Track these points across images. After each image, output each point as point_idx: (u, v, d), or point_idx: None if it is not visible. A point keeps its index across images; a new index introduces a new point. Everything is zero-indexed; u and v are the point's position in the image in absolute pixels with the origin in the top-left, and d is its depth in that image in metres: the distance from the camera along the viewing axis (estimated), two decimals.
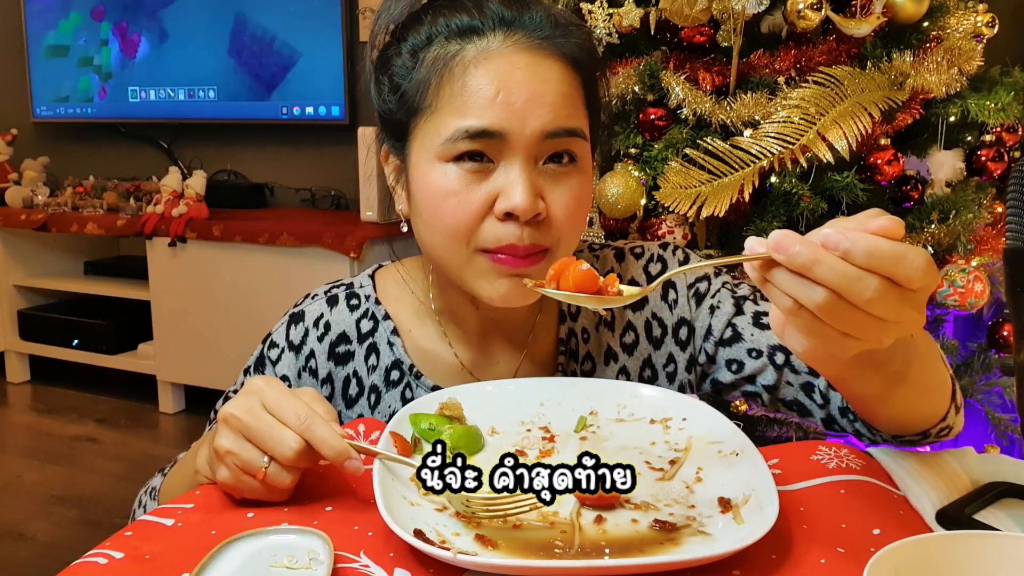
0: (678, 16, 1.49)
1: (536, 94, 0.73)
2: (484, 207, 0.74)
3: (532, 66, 0.73)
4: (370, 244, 2.72)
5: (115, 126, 3.71)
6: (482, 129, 0.72)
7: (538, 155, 0.74)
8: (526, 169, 0.73)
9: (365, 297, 0.89)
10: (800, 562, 0.58)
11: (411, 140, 0.78)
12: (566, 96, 0.75)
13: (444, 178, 0.74)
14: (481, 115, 0.72)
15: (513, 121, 0.72)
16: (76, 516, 2.41)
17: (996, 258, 1.62)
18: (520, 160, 0.73)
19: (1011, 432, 1.71)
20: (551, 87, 0.73)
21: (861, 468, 0.72)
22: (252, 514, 0.65)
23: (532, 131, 0.73)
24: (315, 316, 0.88)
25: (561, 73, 0.75)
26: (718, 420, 0.74)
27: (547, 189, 0.75)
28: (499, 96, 0.72)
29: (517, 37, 0.74)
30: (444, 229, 0.75)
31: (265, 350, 0.89)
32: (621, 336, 0.90)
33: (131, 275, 3.40)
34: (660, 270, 0.89)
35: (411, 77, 0.77)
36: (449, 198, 0.74)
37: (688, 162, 1.46)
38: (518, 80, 0.72)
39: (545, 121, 0.73)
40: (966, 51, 1.49)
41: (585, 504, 0.64)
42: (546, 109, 0.73)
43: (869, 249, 0.48)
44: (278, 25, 3.22)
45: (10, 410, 3.33)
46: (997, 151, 1.57)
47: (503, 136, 0.72)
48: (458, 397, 0.77)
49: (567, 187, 0.75)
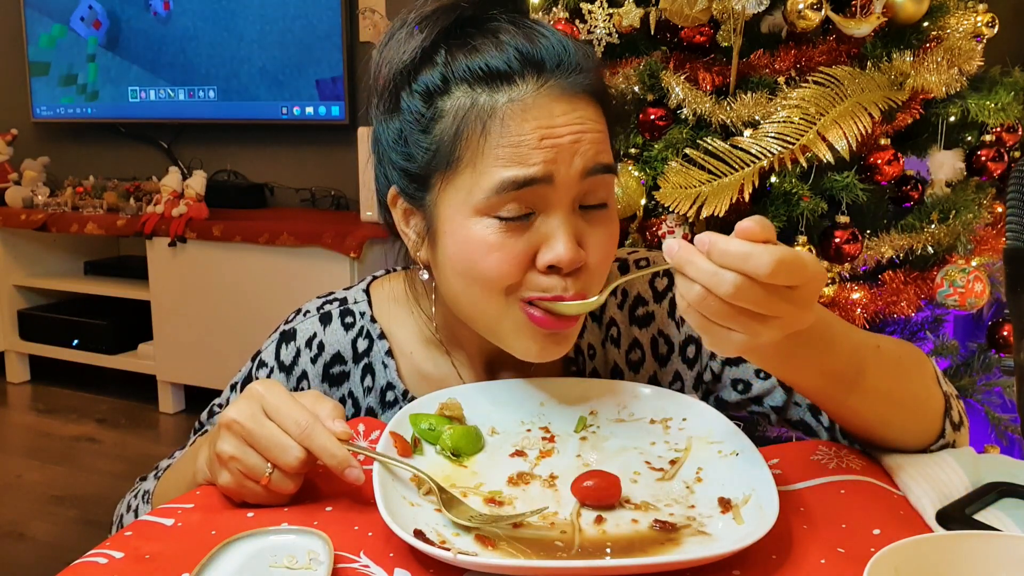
0: (678, 16, 1.49)
1: (577, 132, 0.71)
2: (527, 259, 0.71)
3: (569, 112, 0.71)
4: (370, 244, 2.72)
5: (115, 126, 3.71)
6: (530, 178, 0.69)
7: (576, 198, 0.72)
8: (567, 218, 0.71)
9: (360, 314, 0.86)
10: (800, 562, 0.58)
11: (437, 192, 0.74)
12: (601, 134, 0.73)
13: (485, 232, 0.71)
14: (527, 164, 0.69)
15: (560, 164, 0.70)
16: (76, 516, 2.41)
17: (996, 258, 1.62)
18: (562, 208, 0.71)
19: (1011, 432, 1.71)
20: (590, 125, 0.72)
21: (861, 468, 0.72)
22: (252, 514, 0.65)
23: (576, 171, 0.71)
24: (307, 336, 0.86)
25: (591, 111, 0.73)
26: (718, 420, 0.74)
27: (585, 233, 0.73)
28: (543, 142, 0.69)
29: (550, 84, 0.71)
30: (484, 283, 0.72)
31: (254, 369, 0.87)
32: (627, 353, 0.88)
33: (131, 275, 3.40)
34: (667, 285, 0.88)
35: (431, 127, 0.73)
36: (491, 253, 0.71)
37: (688, 162, 1.46)
38: (562, 123, 0.70)
39: (588, 157, 0.71)
40: (966, 51, 1.49)
41: (585, 504, 0.64)
42: (590, 148, 0.71)
43: (721, 248, 0.55)
44: (278, 25, 3.21)
45: (10, 410, 3.33)
46: (997, 151, 1.57)
47: (550, 180, 0.70)
48: (458, 397, 0.78)
49: (603, 228, 0.74)
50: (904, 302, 1.56)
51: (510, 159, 0.69)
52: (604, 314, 0.88)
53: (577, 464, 0.71)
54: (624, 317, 0.88)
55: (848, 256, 1.50)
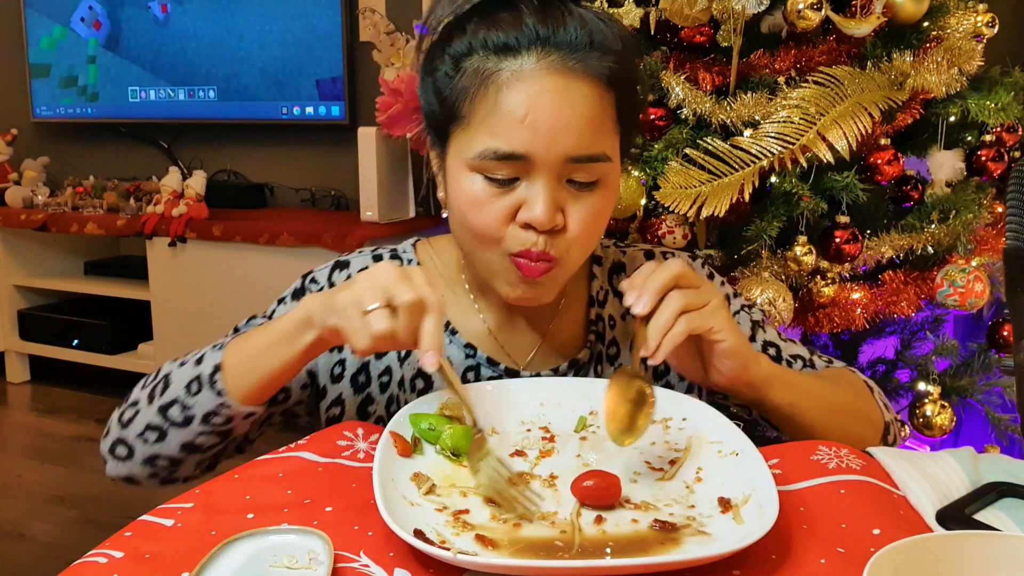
0: (678, 16, 1.49)
1: (562, 119, 0.75)
2: (508, 216, 0.78)
3: (561, 89, 0.75)
4: (370, 244, 2.71)
5: (115, 126, 3.71)
6: (509, 152, 0.75)
7: (561, 175, 0.77)
8: (548, 185, 0.76)
9: (407, 260, 0.95)
10: (800, 562, 0.58)
11: (449, 143, 0.81)
12: (592, 120, 0.76)
13: (472, 187, 0.78)
14: (509, 138, 0.75)
15: (538, 145, 0.75)
16: (76, 516, 2.41)
17: (996, 258, 1.62)
18: (543, 178, 0.76)
19: (1011, 432, 1.71)
20: (577, 111, 0.75)
21: (861, 468, 0.72)
22: (252, 514, 0.65)
23: (555, 156, 0.75)
24: (360, 267, 0.94)
25: (591, 95, 0.76)
26: (718, 420, 0.74)
27: (568, 204, 0.78)
28: (527, 119, 0.74)
29: (552, 58, 0.75)
30: (471, 230, 0.80)
31: (306, 283, 0.95)
32: None
33: (131, 275, 3.40)
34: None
35: (452, 85, 0.79)
36: (476, 206, 0.78)
37: (688, 162, 1.46)
38: (547, 103, 0.74)
39: (568, 147, 0.75)
40: (966, 51, 1.49)
41: (585, 504, 0.64)
42: (571, 134, 0.75)
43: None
44: (278, 25, 3.21)
45: (10, 410, 3.33)
46: (997, 151, 1.57)
47: (528, 159, 0.75)
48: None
49: (587, 204, 0.79)
50: (904, 302, 1.56)
51: (496, 130, 0.75)
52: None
53: (577, 464, 0.72)
54: None
55: (848, 256, 1.50)
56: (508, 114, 0.75)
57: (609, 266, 0.98)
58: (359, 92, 3.18)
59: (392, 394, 0.93)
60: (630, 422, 0.71)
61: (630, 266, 0.97)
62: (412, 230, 2.88)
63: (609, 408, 0.71)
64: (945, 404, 1.58)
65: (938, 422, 1.57)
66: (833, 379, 0.94)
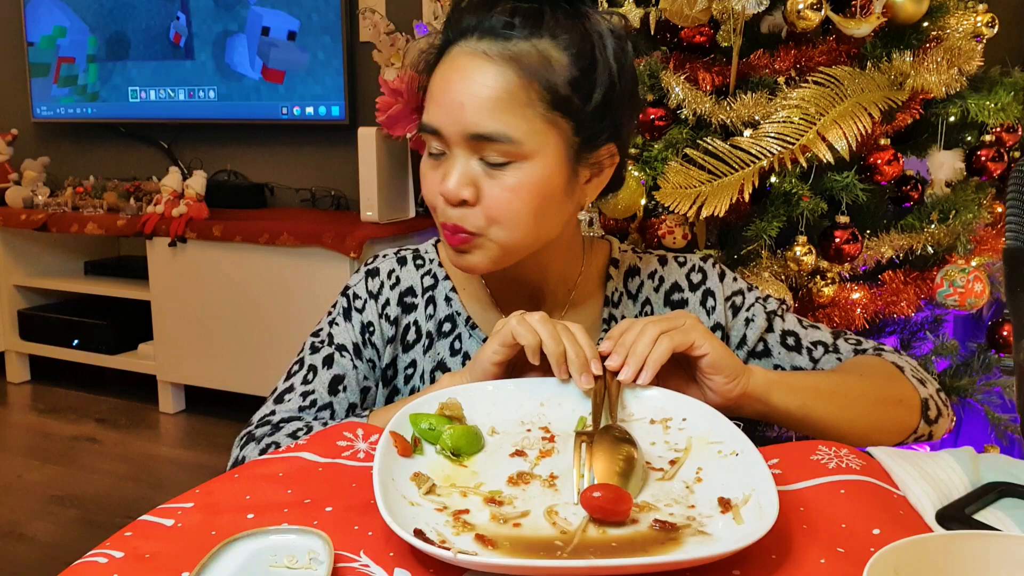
0: (678, 16, 1.49)
1: (460, 96, 0.81)
2: (437, 186, 0.85)
3: (466, 69, 0.81)
4: (370, 244, 2.72)
5: (115, 126, 3.71)
6: (425, 124, 0.85)
7: (472, 151, 0.83)
8: (458, 160, 0.83)
9: (430, 260, 1.01)
10: (800, 562, 0.58)
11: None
12: (495, 100, 0.80)
13: (424, 160, 0.88)
14: (428, 113, 0.85)
15: (444, 120, 0.82)
16: (76, 516, 2.41)
17: (996, 258, 1.62)
18: (457, 152, 0.83)
19: (1011, 432, 1.71)
20: (477, 90, 0.81)
21: (861, 468, 0.72)
22: (252, 514, 0.65)
23: (457, 131, 0.82)
24: (388, 270, 1.00)
25: (497, 76, 0.81)
26: (718, 420, 0.74)
27: (482, 181, 0.84)
28: (440, 95, 0.83)
29: (471, 42, 0.82)
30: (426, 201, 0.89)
31: (350, 300, 1.00)
32: None
33: (131, 275, 3.40)
34: (700, 279, 0.99)
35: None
36: (423, 178, 0.88)
37: (688, 162, 1.46)
38: (452, 81, 0.82)
39: (467, 124, 0.81)
40: (966, 51, 1.49)
41: (595, 519, 0.63)
42: (469, 113, 0.81)
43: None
44: (278, 25, 3.22)
45: (10, 410, 3.33)
46: (997, 151, 1.57)
47: (439, 132, 0.83)
48: (458, 397, 0.78)
49: (499, 182, 0.83)
50: (904, 302, 1.56)
51: (427, 104, 0.85)
52: (641, 293, 1.00)
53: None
54: (660, 299, 1.00)
55: (848, 256, 1.50)
56: (432, 90, 0.85)
57: (625, 269, 1.01)
58: (359, 92, 3.18)
59: (414, 386, 0.97)
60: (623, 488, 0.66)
61: (645, 270, 1.01)
62: (412, 230, 2.88)
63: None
64: None
65: None
66: (855, 368, 0.94)
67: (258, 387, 2.98)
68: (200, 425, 3.10)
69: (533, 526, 0.62)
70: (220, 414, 3.17)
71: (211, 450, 2.86)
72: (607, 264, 1.00)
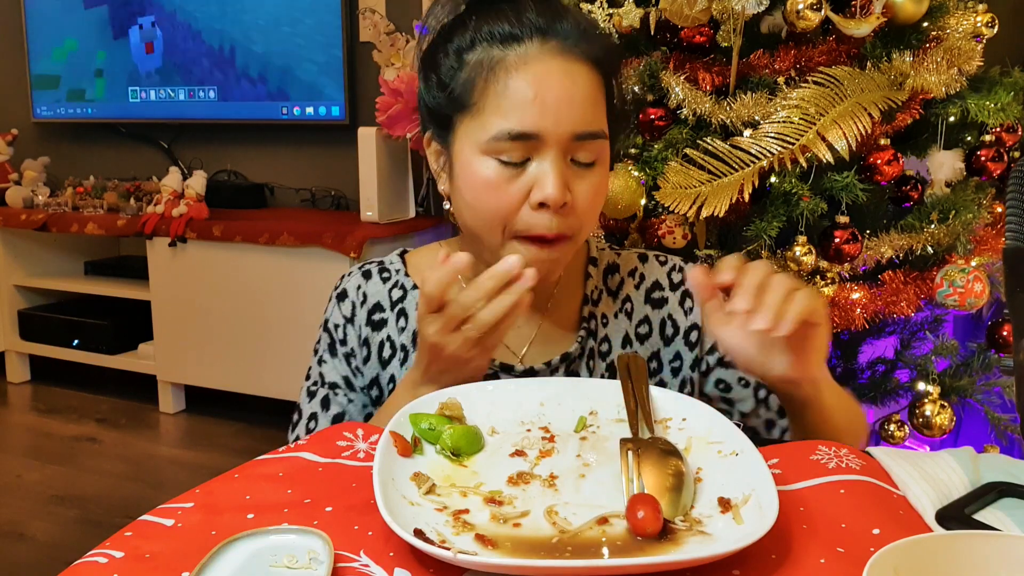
0: (678, 16, 1.49)
1: (567, 95, 0.81)
2: (520, 198, 0.82)
3: (564, 70, 0.82)
4: (370, 244, 2.72)
5: (115, 126, 3.71)
6: (520, 132, 0.80)
7: (567, 152, 0.83)
8: (557, 163, 0.81)
9: (395, 271, 1.00)
10: (800, 562, 0.58)
11: (456, 131, 0.86)
12: (592, 98, 0.83)
13: (486, 170, 0.83)
14: (522, 117, 0.80)
15: (548, 121, 0.80)
16: (76, 516, 2.41)
17: (996, 258, 1.62)
18: (552, 155, 0.81)
19: (1011, 432, 1.71)
20: (580, 88, 0.82)
21: (861, 468, 0.72)
22: (252, 514, 0.65)
23: (563, 132, 0.81)
24: (355, 287, 0.99)
25: (589, 75, 0.83)
26: (718, 420, 0.74)
27: (573, 182, 0.83)
28: (536, 99, 0.80)
29: (552, 44, 0.82)
30: (485, 214, 0.85)
31: (332, 333, 0.99)
32: (637, 326, 0.99)
33: (131, 275, 3.40)
34: (681, 279, 1.00)
35: (457, 76, 0.84)
36: (489, 189, 0.83)
37: (688, 162, 1.46)
38: (553, 83, 0.81)
39: (576, 122, 0.81)
40: (966, 51, 1.49)
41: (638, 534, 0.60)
42: (576, 110, 0.81)
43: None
44: (278, 25, 3.22)
45: (10, 410, 3.33)
46: (997, 151, 1.57)
47: (539, 136, 0.81)
48: (458, 397, 0.78)
49: (589, 181, 0.84)
50: (904, 302, 1.56)
51: (508, 112, 0.81)
52: (621, 290, 1.00)
53: (577, 464, 0.71)
54: (640, 296, 1.00)
55: (848, 256, 1.50)
56: (517, 95, 0.80)
57: (604, 267, 1.01)
58: (359, 92, 3.18)
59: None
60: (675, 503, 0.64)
61: (625, 267, 1.01)
62: (412, 230, 2.88)
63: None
64: (945, 404, 1.59)
65: (938, 422, 1.57)
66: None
67: (258, 387, 2.98)
68: (200, 425, 3.10)
69: (533, 526, 0.62)
70: (220, 414, 3.17)
71: (211, 450, 2.86)
72: (586, 263, 1.00)
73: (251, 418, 3.12)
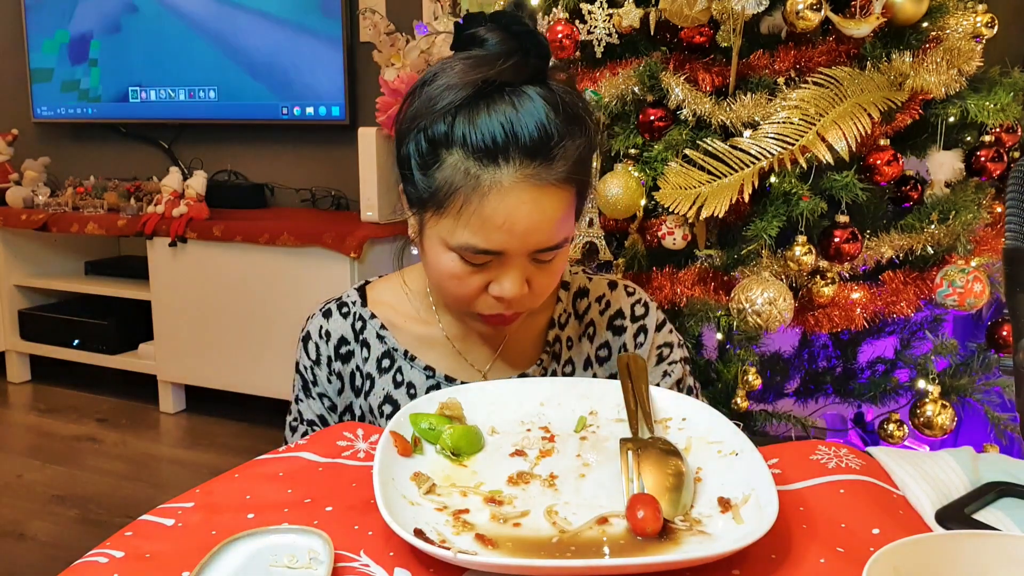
0: (678, 16, 1.49)
1: (535, 223, 0.82)
2: (480, 287, 0.86)
3: (536, 199, 0.81)
4: (370, 244, 2.72)
5: (115, 126, 3.71)
6: (486, 249, 0.83)
7: (530, 256, 0.85)
8: (518, 267, 0.84)
9: (352, 303, 1.03)
10: (800, 562, 0.58)
11: (426, 216, 0.86)
12: (561, 215, 0.84)
13: (450, 264, 0.85)
14: (488, 238, 0.82)
15: (512, 244, 0.82)
16: (76, 516, 2.42)
17: (996, 258, 1.62)
18: (514, 262, 0.84)
19: (1011, 432, 1.71)
20: (549, 214, 0.82)
21: (861, 468, 0.72)
22: (252, 514, 0.65)
23: (528, 250, 0.84)
24: (318, 328, 1.02)
25: (560, 197, 0.83)
26: (718, 420, 0.74)
27: (534, 275, 0.86)
28: (504, 225, 0.81)
29: (527, 173, 0.81)
30: (446, 296, 0.89)
31: (305, 376, 1.03)
32: (598, 349, 1.02)
33: (131, 275, 3.40)
34: (643, 313, 1.03)
35: (432, 172, 0.84)
36: (452, 279, 0.86)
37: (688, 163, 1.46)
38: (523, 213, 0.81)
39: (540, 242, 0.83)
40: (966, 51, 1.49)
41: (638, 534, 0.61)
42: (542, 234, 0.83)
43: None
44: (278, 25, 3.22)
45: (10, 410, 3.33)
46: (996, 151, 1.57)
47: (503, 253, 0.83)
48: (458, 397, 0.78)
49: (548, 271, 0.87)
50: (904, 302, 1.56)
51: (477, 230, 0.82)
52: (587, 315, 1.03)
53: (577, 464, 0.72)
54: (604, 321, 1.03)
55: (848, 256, 1.50)
56: (488, 220, 0.81)
57: (575, 291, 1.04)
58: (359, 92, 3.18)
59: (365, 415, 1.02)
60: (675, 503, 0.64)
61: (594, 292, 1.04)
62: None
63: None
64: (945, 404, 1.58)
65: (938, 422, 1.57)
66: None
67: (258, 387, 2.98)
68: (200, 425, 3.10)
69: (533, 526, 0.62)
70: (220, 414, 3.17)
71: (211, 450, 2.86)
72: (557, 287, 1.02)
73: (251, 418, 3.12)
